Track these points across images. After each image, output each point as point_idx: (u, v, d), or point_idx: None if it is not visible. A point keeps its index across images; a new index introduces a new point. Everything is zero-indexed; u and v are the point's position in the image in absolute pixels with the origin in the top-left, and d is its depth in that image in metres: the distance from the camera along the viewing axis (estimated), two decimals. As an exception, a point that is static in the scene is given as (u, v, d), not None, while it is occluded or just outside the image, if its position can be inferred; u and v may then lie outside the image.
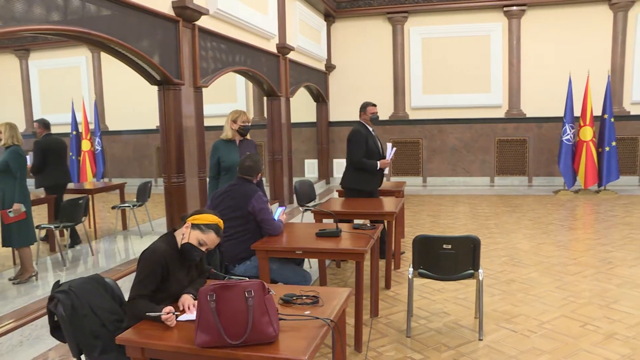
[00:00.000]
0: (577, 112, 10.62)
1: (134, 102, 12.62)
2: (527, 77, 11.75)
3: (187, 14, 5.63)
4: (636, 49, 11.26)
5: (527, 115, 11.82)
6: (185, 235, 2.89)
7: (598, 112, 10.63)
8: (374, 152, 6.11)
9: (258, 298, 2.33)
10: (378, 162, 6.05)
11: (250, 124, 5.38)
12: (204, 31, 6.13)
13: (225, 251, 4.02)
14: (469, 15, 11.89)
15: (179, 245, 2.89)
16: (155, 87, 5.52)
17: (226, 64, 6.77)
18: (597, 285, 5.23)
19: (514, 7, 11.51)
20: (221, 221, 2.98)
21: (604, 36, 11.32)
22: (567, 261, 6.10)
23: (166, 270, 2.81)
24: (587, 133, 10.51)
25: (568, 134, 10.63)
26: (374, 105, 6.29)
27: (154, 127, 11.59)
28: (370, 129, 6.22)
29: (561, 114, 10.82)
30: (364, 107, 6.25)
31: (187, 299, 2.79)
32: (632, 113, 11.38)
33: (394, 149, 6.32)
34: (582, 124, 10.53)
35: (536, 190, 11.49)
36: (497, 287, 5.25)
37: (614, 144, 10.47)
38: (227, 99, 12.37)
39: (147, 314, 2.58)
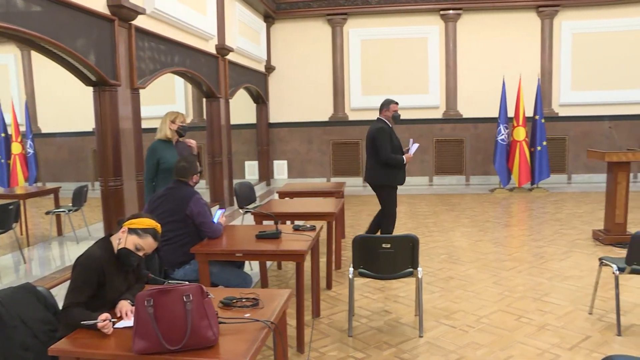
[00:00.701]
0: (510, 113, 11.02)
1: (68, 103, 12.13)
2: (463, 78, 12.08)
3: (123, 13, 5.48)
4: (562, 55, 11.82)
5: (464, 116, 12.16)
6: (122, 240, 2.82)
7: (530, 113, 11.07)
8: (397, 148, 6.18)
9: (196, 302, 2.30)
10: (404, 157, 6.10)
11: (187, 125, 5.32)
12: (141, 31, 5.99)
13: (164, 255, 3.94)
14: (407, 18, 12.11)
15: (116, 251, 2.83)
16: (91, 88, 5.36)
17: (164, 64, 6.64)
18: (531, 280, 5.45)
19: (450, 11, 11.82)
20: (159, 225, 2.93)
21: (534, 41, 11.83)
22: (503, 257, 6.31)
23: (102, 276, 2.74)
24: (520, 133, 10.92)
25: (502, 134, 11.01)
26: (397, 103, 6.30)
27: (90, 129, 11.21)
28: (391, 126, 6.24)
29: (496, 115, 11.19)
30: (387, 104, 6.26)
31: (124, 305, 2.73)
32: (560, 114, 11.92)
33: (416, 144, 6.36)
34: (515, 125, 10.94)
35: (473, 189, 11.84)
36: (437, 285, 5.38)
37: (544, 143, 10.94)
38: (166, 100, 12.06)
39: (82, 322, 2.50)
